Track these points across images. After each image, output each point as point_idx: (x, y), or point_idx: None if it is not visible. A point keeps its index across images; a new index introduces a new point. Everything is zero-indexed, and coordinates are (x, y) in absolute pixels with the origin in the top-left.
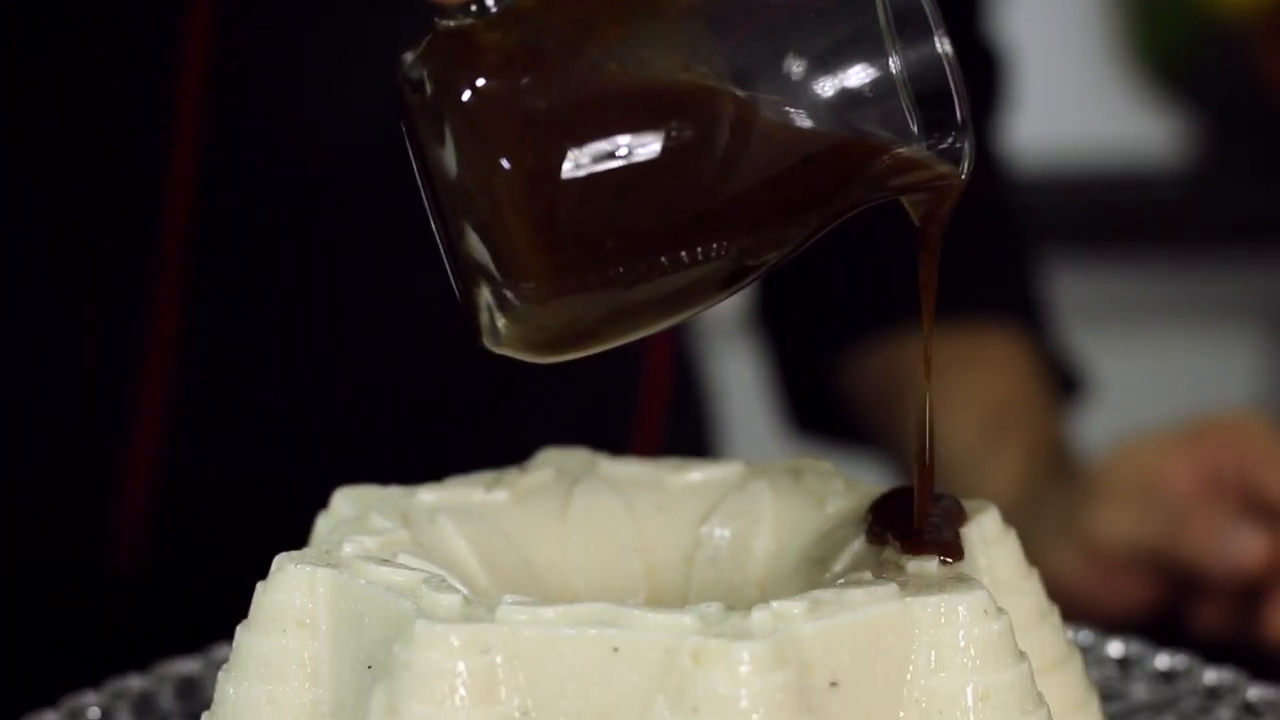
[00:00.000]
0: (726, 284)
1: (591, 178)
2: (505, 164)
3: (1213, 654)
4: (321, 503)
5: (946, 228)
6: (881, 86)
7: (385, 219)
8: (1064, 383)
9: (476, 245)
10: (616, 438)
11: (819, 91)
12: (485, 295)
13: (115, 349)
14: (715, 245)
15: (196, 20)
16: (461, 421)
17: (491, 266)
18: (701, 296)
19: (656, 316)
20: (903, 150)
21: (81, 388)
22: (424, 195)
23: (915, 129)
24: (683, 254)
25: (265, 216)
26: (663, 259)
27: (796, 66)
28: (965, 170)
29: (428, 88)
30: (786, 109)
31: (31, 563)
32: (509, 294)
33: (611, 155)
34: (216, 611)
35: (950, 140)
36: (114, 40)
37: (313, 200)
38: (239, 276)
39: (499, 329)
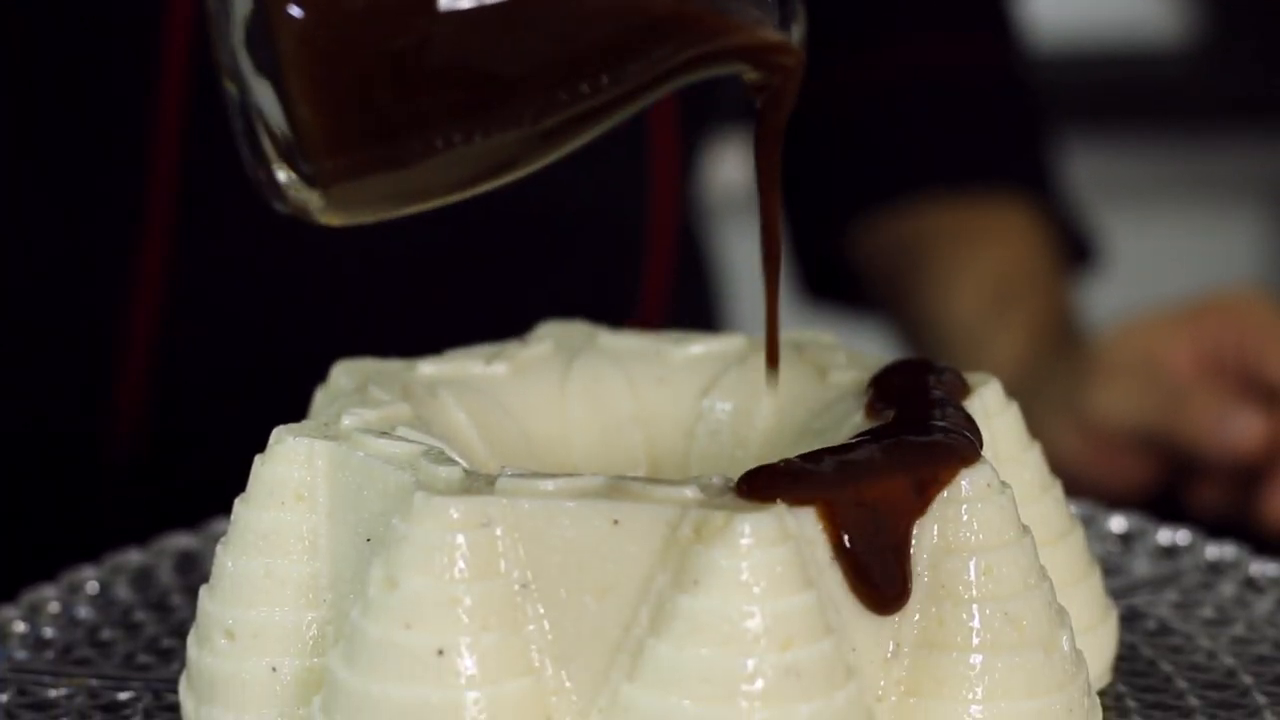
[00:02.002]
0: (547, 144)
1: (382, 30)
2: (294, 11)
3: (1214, 529)
4: (320, 376)
5: (786, 126)
6: None
7: None
8: (1075, 251)
9: (265, 105)
10: (620, 311)
11: None
12: (269, 150)
13: (112, 229)
14: (525, 107)
15: None
16: (462, 295)
17: (279, 128)
18: (514, 160)
19: (453, 186)
20: (727, 17)
21: (79, 268)
22: (213, 47)
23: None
24: (490, 118)
25: None
26: (462, 125)
27: None
28: (797, 40)
29: None
30: None
31: (30, 440)
32: (297, 156)
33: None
34: (214, 486)
35: (780, 13)
36: None
37: None
38: (236, 153)
39: (287, 192)
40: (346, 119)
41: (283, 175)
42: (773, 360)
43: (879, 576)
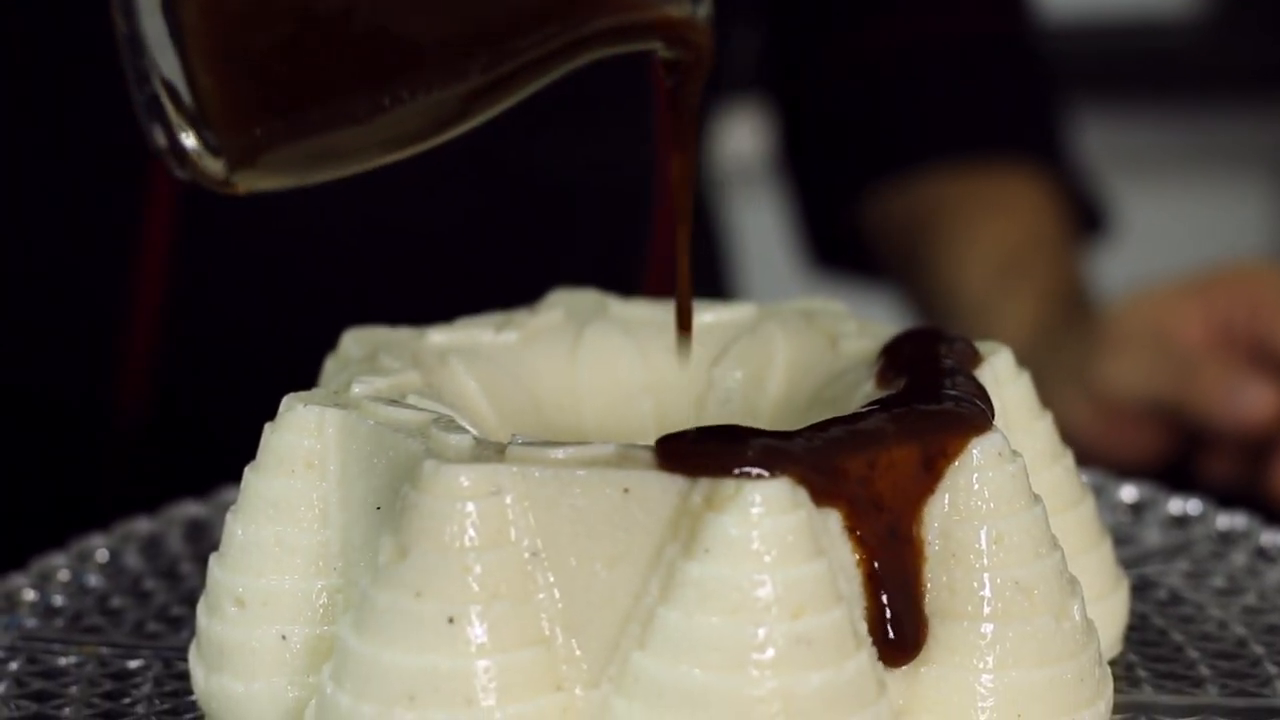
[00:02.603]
0: (453, 115)
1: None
2: None
3: (1225, 499)
4: (329, 344)
5: (699, 102)
6: None
7: None
8: (1086, 219)
9: (169, 73)
10: (628, 280)
11: None
12: (174, 118)
13: (120, 192)
14: (430, 77)
15: None
16: (470, 263)
17: (184, 96)
18: (420, 130)
19: (356, 156)
20: None
21: (84, 239)
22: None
23: None
24: (394, 88)
25: None
26: (364, 96)
27: None
28: (703, 18)
29: None
30: None
31: (38, 408)
32: (201, 125)
33: None
34: (223, 454)
35: None
36: None
37: None
38: None
39: (193, 159)
40: (247, 88)
41: (190, 142)
42: (684, 325)
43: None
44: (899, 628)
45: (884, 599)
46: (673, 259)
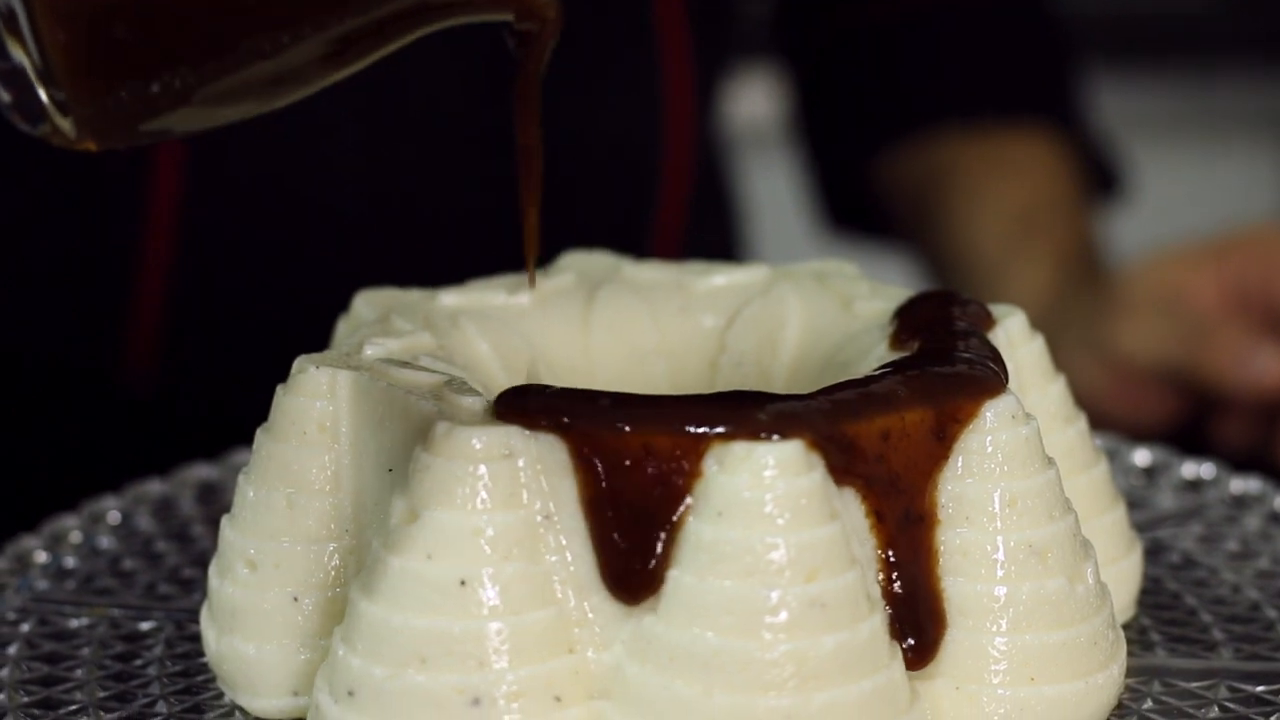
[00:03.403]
0: (295, 77)
1: None
2: None
3: (1239, 464)
4: (340, 306)
5: (545, 67)
6: None
7: None
8: (1101, 180)
9: (21, 27)
10: (635, 240)
11: None
12: (31, 73)
13: (124, 160)
14: (270, 38)
15: None
16: (476, 224)
17: (32, 52)
18: (265, 91)
19: (203, 117)
20: None
21: (92, 200)
22: None
23: None
24: (237, 50)
25: None
26: (208, 56)
27: None
28: None
29: None
30: None
31: (49, 371)
32: (49, 82)
33: None
34: (235, 417)
35: None
36: None
37: None
38: None
39: (46, 115)
40: (91, 46)
41: (43, 95)
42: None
43: None
44: (918, 632)
45: (900, 600)
46: (682, 219)
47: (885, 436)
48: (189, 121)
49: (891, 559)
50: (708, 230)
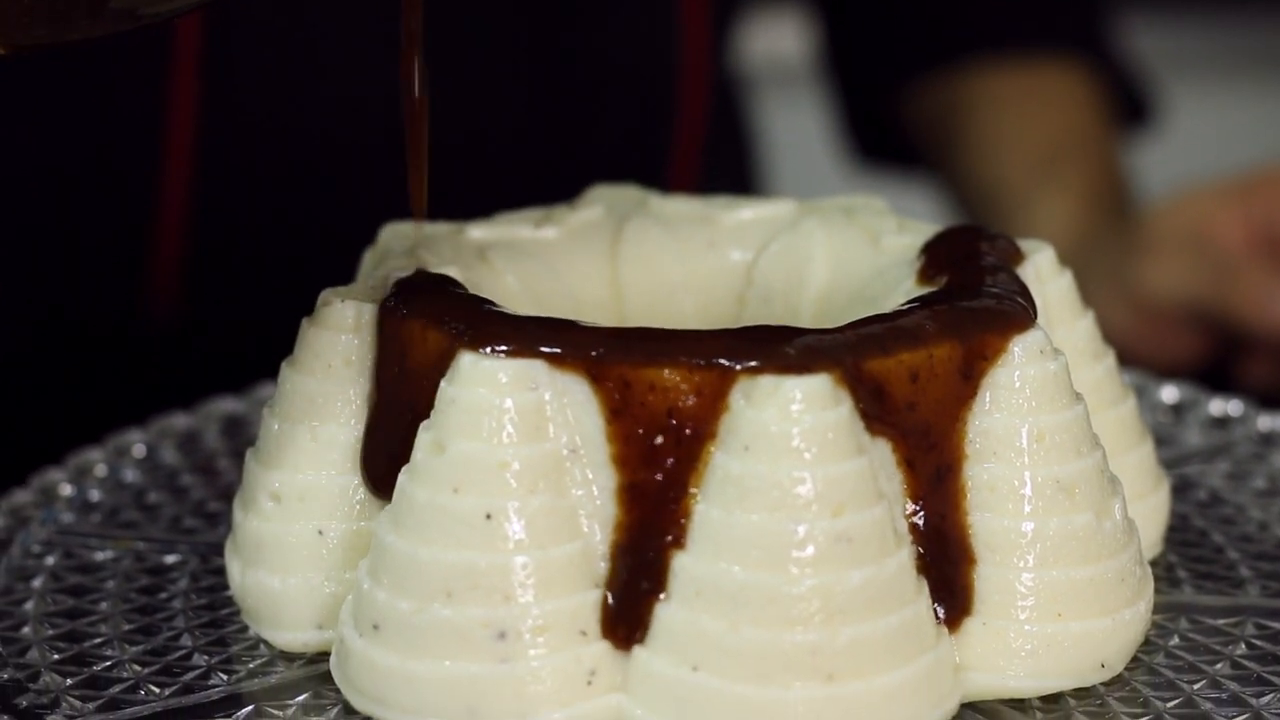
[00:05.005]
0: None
1: None
2: None
3: (1266, 401)
4: (366, 239)
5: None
6: None
7: None
8: (1131, 109)
9: None
10: (650, 169)
11: None
12: None
13: (141, 89)
14: None
15: None
16: (507, 157)
17: None
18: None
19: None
20: None
21: (109, 130)
22: None
23: None
24: None
25: None
26: None
27: None
28: None
29: None
30: None
31: (72, 306)
32: None
33: None
34: (260, 351)
35: None
36: None
37: None
38: (260, 17)
39: None
40: None
41: None
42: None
43: None
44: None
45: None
46: (699, 148)
47: (914, 378)
48: (74, 27)
49: (920, 496)
50: (725, 167)
